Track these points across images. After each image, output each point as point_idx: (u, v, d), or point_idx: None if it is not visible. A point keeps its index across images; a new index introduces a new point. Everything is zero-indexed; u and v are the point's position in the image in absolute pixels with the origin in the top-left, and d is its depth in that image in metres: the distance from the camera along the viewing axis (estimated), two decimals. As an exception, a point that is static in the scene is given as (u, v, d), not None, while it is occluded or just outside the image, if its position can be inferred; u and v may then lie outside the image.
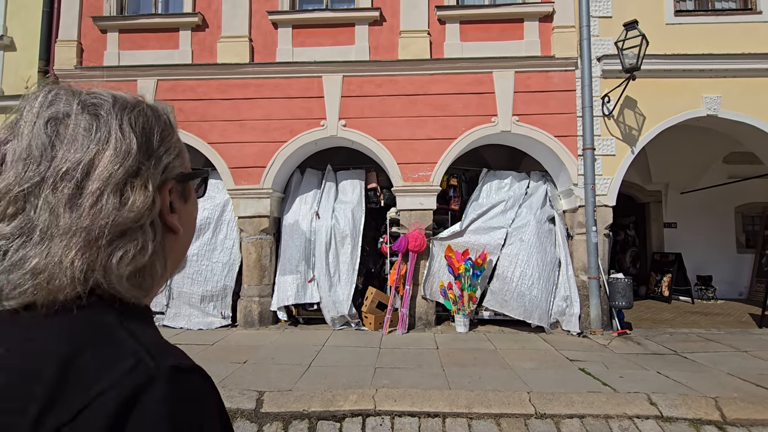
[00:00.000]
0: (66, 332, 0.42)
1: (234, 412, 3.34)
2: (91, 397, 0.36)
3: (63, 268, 0.42)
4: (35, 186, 0.43)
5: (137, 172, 0.47)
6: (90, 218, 0.43)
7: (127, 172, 0.46)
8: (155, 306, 6.05)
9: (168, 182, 0.52)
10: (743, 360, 4.51)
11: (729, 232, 9.24)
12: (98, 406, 0.36)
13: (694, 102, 5.89)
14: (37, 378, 0.37)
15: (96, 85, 0.53)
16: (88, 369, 0.38)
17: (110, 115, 0.47)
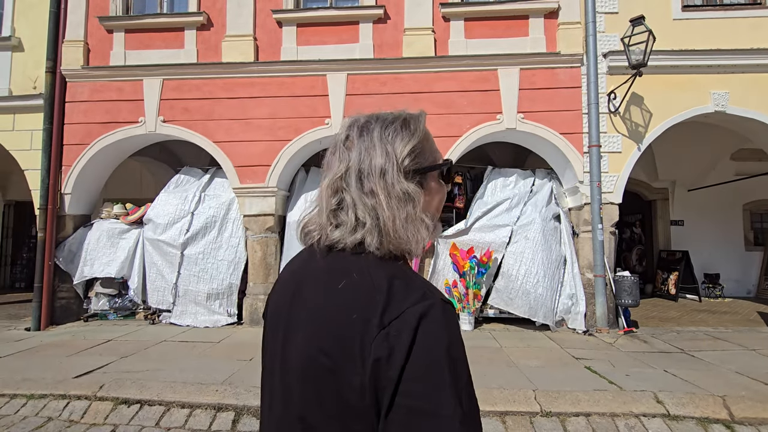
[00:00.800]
0: (385, 267, 0.66)
1: (241, 409, 3.37)
2: (404, 309, 0.59)
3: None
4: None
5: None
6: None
7: (407, 159, 0.73)
8: (162, 304, 6.11)
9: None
10: (752, 358, 4.47)
11: (737, 230, 9.15)
12: (408, 314, 0.59)
13: (701, 98, 5.83)
14: (377, 290, 0.62)
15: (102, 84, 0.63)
16: (401, 291, 0.62)
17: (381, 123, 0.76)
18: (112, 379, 3.78)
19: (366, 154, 0.70)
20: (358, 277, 0.64)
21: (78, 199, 6.40)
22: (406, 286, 0.63)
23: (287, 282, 0.78)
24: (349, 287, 0.64)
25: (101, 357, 4.52)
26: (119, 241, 6.28)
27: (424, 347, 0.57)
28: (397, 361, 0.56)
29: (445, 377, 0.56)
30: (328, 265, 0.69)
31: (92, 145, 6.21)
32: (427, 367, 0.56)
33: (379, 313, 0.59)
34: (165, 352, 4.77)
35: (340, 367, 0.60)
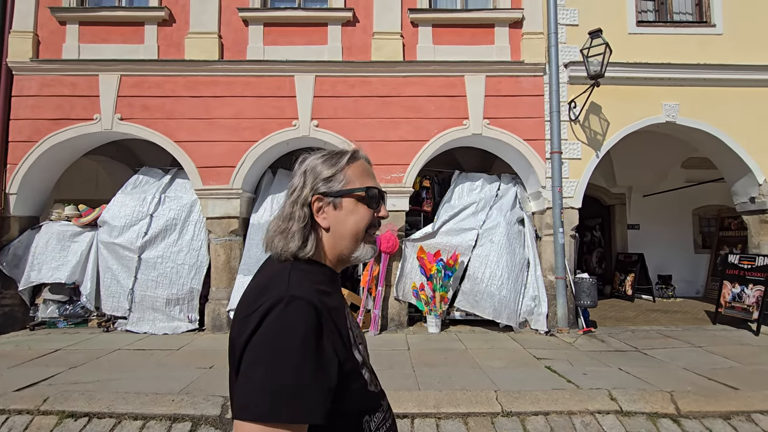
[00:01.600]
0: (278, 269, 0.85)
1: (198, 419, 3.25)
2: (261, 303, 0.76)
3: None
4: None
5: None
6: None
7: (309, 187, 0.94)
8: (117, 310, 5.82)
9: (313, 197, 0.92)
10: (698, 355, 4.73)
11: (687, 234, 9.71)
12: (260, 306, 0.76)
13: (654, 109, 6.16)
14: (258, 288, 0.82)
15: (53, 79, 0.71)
16: (270, 288, 0.79)
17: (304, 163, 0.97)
18: (58, 392, 3.56)
19: (299, 180, 0.96)
20: (263, 280, 0.85)
21: (25, 200, 6.01)
22: (277, 283, 0.81)
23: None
24: (253, 286, 0.86)
25: (47, 368, 4.24)
26: (71, 244, 5.93)
27: (262, 330, 0.73)
28: (244, 337, 0.75)
29: (265, 352, 0.72)
30: (259, 270, 0.93)
31: (41, 142, 5.85)
32: (257, 342, 0.73)
33: (251, 302, 0.79)
34: (119, 361, 4.54)
35: (231, 344, 0.82)
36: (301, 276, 0.83)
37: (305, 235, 0.88)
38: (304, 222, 0.89)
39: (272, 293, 0.77)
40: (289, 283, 0.80)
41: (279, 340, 0.72)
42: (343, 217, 0.91)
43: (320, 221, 0.90)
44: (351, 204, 0.91)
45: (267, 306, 0.75)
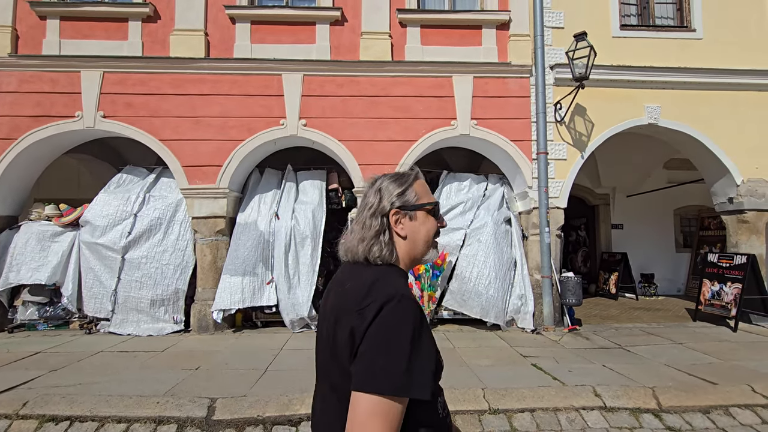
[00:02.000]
0: (378, 272, 0.99)
1: (183, 421, 3.20)
2: (374, 298, 0.89)
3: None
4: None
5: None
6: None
7: (383, 206, 1.06)
8: (100, 312, 5.70)
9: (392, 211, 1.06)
10: (679, 352, 4.85)
11: (669, 233, 9.94)
12: (374, 302, 0.88)
13: (637, 111, 6.29)
14: (363, 288, 0.93)
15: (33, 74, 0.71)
16: (378, 289, 0.92)
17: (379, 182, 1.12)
18: (39, 395, 3.47)
19: (373, 198, 1.08)
20: (362, 280, 0.98)
21: (3, 199, 5.85)
22: (383, 284, 0.95)
23: (332, 283, 1.13)
24: (354, 285, 0.98)
25: (27, 371, 4.13)
26: (51, 244, 5.79)
27: (378, 322, 0.87)
28: (362, 329, 0.87)
29: (383, 339, 0.86)
30: (350, 272, 1.05)
31: (20, 140, 5.69)
32: (375, 331, 0.86)
33: (360, 300, 0.92)
34: (102, 363, 4.45)
35: (344, 326, 0.92)
36: (397, 277, 1.01)
37: (391, 243, 1.05)
38: (388, 233, 1.05)
39: (382, 291, 0.92)
40: (395, 284, 0.96)
41: (395, 330, 0.86)
42: (418, 226, 1.08)
43: (398, 231, 1.06)
44: (423, 216, 1.09)
45: (381, 302, 0.89)
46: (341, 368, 0.91)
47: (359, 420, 0.81)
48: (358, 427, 0.81)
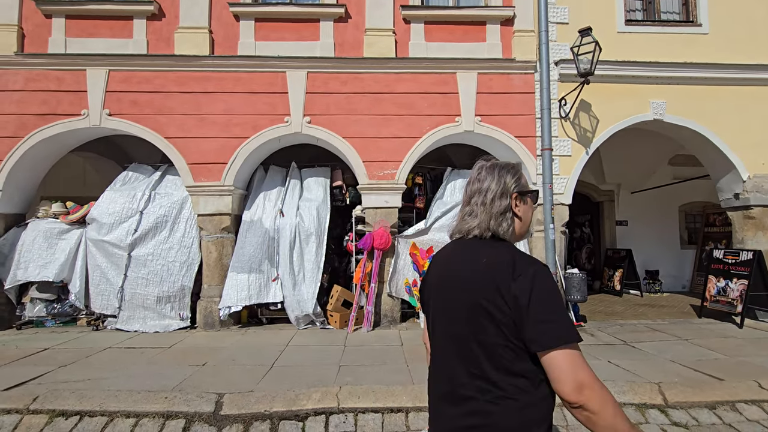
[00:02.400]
0: (510, 251, 1.15)
1: (191, 416, 3.24)
2: (524, 269, 1.07)
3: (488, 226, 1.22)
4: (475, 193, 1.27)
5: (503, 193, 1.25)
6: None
7: (503, 191, 1.24)
8: (107, 309, 5.75)
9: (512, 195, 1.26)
10: (684, 347, 4.85)
11: (674, 230, 9.90)
12: (528, 272, 1.06)
13: (642, 106, 6.26)
14: (508, 262, 1.10)
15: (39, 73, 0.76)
16: (521, 261, 1.10)
17: (492, 169, 1.28)
18: (48, 390, 3.51)
19: (488, 185, 1.25)
20: (501, 255, 1.15)
21: (10, 197, 5.89)
22: (522, 257, 1.12)
23: (443, 261, 1.30)
24: (494, 260, 1.13)
25: (36, 367, 4.18)
26: (58, 242, 5.84)
27: (534, 286, 1.05)
28: (522, 293, 1.04)
29: (549, 302, 1.05)
30: (477, 248, 1.21)
31: (27, 138, 5.73)
32: (536, 294, 1.04)
33: (510, 271, 1.08)
34: (109, 359, 4.49)
35: (494, 295, 1.07)
36: (522, 251, 1.23)
37: (513, 222, 1.24)
38: (510, 212, 1.24)
39: (527, 262, 1.11)
40: (528, 256, 1.15)
41: (554, 292, 1.06)
42: (527, 209, 1.29)
43: (516, 212, 1.25)
44: (529, 200, 1.29)
45: (533, 271, 1.07)
46: (497, 325, 1.07)
47: (572, 369, 1.00)
48: (577, 373, 1.00)
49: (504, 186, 1.24)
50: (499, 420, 1.06)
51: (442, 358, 1.21)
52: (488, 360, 1.08)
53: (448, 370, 1.18)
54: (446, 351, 1.19)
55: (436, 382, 1.23)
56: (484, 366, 1.09)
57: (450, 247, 1.30)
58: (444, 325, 1.21)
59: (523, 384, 1.07)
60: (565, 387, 1.00)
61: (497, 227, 1.20)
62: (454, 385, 1.15)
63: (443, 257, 1.30)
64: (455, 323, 1.15)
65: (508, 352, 1.06)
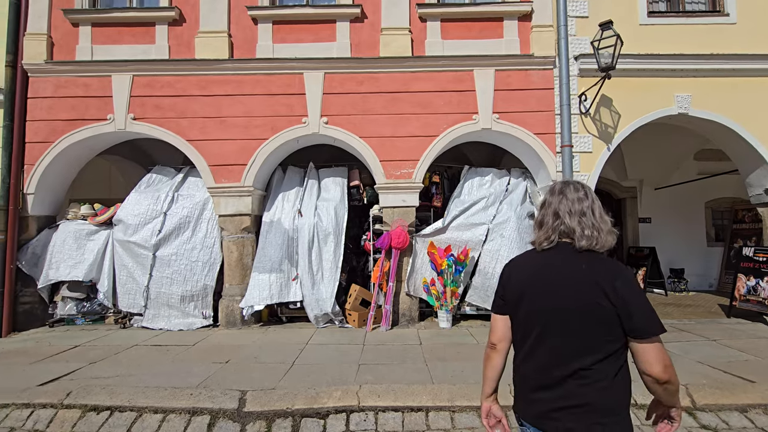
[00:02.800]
0: (603, 258, 1.38)
1: (216, 412, 3.32)
2: (620, 272, 1.32)
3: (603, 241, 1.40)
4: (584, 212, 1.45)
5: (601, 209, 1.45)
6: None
7: (600, 207, 1.45)
8: (133, 307, 5.93)
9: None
10: (712, 348, 4.70)
11: (699, 227, 9.59)
12: (624, 274, 1.31)
13: (666, 100, 6.09)
14: (606, 266, 1.34)
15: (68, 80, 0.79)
16: (615, 265, 1.35)
17: (588, 190, 1.50)
18: (80, 386, 3.65)
19: (589, 202, 1.44)
20: (599, 262, 1.36)
21: (42, 200, 6.13)
22: (616, 264, 1.36)
23: (531, 267, 1.47)
24: (596, 266, 1.34)
25: (68, 363, 4.35)
26: (87, 242, 6.05)
27: (632, 286, 1.28)
28: (626, 293, 1.26)
29: (645, 299, 1.28)
30: (575, 257, 1.39)
31: (57, 143, 5.95)
32: (636, 293, 1.27)
33: (612, 275, 1.29)
34: (137, 356, 4.64)
35: (601, 298, 1.27)
36: (613, 259, 1.53)
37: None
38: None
39: (619, 266, 1.35)
40: (620, 263, 1.44)
41: (642, 292, 1.30)
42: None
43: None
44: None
45: (627, 273, 1.32)
46: (600, 320, 1.27)
47: (661, 355, 1.25)
48: (664, 358, 1.25)
49: (594, 201, 1.45)
50: (596, 400, 1.27)
51: (538, 351, 1.38)
52: (589, 351, 1.28)
53: (544, 360, 1.36)
54: (542, 345, 1.37)
55: (530, 372, 1.40)
56: (584, 356, 1.28)
57: (539, 255, 1.47)
58: (542, 323, 1.37)
59: (615, 369, 1.28)
60: (656, 368, 1.23)
61: (605, 240, 1.39)
62: (551, 374, 1.33)
63: (532, 264, 1.48)
64: (557, 321, 1.33)
65: (606, 343, 1.28)
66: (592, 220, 1.40)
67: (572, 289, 1.32)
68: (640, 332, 1.24)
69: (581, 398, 1.28)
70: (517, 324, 1.47)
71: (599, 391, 1.27)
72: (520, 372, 1.46)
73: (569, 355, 1.31)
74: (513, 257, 1.62)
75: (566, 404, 1.30)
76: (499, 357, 1.54)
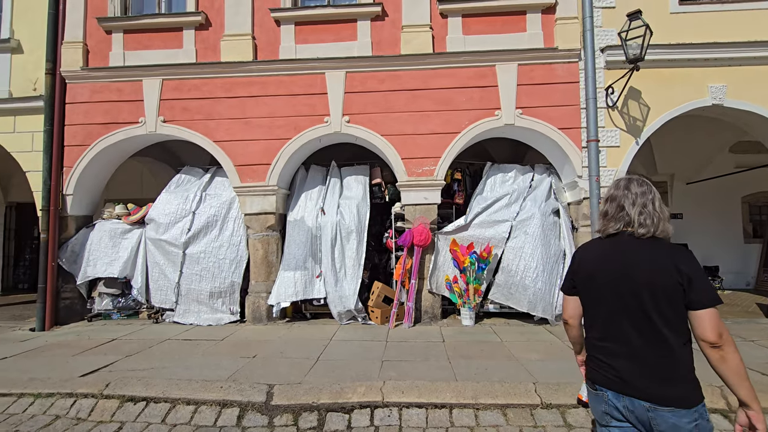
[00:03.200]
0: (664, 242, 1.58)
1: (245, 405, 3.42)
2: (683, 254, 1.52)
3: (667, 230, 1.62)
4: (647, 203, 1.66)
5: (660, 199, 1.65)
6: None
7: (659, 198, 1.65)
8: (165, 303, 6.16)
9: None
10: (750, 349, 4.52)
11: (736, 222, 9.18)
12: (686, 255, 1.51)
13: (699, 92, 5.85)
14: (673, 249, 1.54)
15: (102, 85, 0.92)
16: (680, 249, 1.54)
17: (650, 184, 1.69)
18: (118, 378, 3.84)
19: (652, 195, 1.63)
20: (663, 247, 1.55)
21: (80, 200, 6.44)
22: (677, 247, 1.54)
23: (601, 252, 1.68)
24: (661, 250, 1.54)
25: (106, 356, 4.57)
26: (121, 241, 6.33)
27: (694, 264, 1.48)
28: (689, 270, 1.45)
29: (704, 275, 1.47)
30: (640, 243, 1.58)
31: (93, 146, 6.24)
32: (697, 270, 1.47)
33: (677, 256, 1.49)
34: (169, 350, 4.83)
35: (668, 277, 1.47)
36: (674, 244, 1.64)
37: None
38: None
39: (682, 248, 1.53)
40: (681, 247, 1.57)
41: (702, 269, 1.48)
42: None
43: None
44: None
45: (689, 253, 1.50)
46: (672, 296, 1.46)
47: (714, 323, 1.41)
48: (717, 326, 1.41)
49: (659, 196, 1.64)
50: (670, 365, 1.48)
51: (613, 326, 1.59)
52: (664, 324, 1.47)
53: (622, 335, 1.56)
54: (617, 320, 1.57)
55: (607, 344, 1.61)
56: (660, 328, 1.48)
57: (606, 242, 1.68)
58: (617, 301, 1.57)
59: (683, 339, 1.48)
60: (710, 333, 1.40)
61: (664, 228, 1.58)
62: (630, 346, 1.54)
63: (601, 250, 1.68)
64: (633, 298, 1.52)
65: (676, 316, 1.47)
66: (652, 210, 1.58)
67: (641, 270, 1.52)
68: (700, 304, 1.42)
69: (656, 366, 1.49)
70: (590, 302, 1.69)
71: (669, 358, 1.47)
72: (597, 345, 1.65)
73: (642, 328, 1.51)
74: (582, 244, 1.86)
75: (643, 371, 1.51)
76: (574, 329, 1.83)
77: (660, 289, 1.48)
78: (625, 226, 1.62)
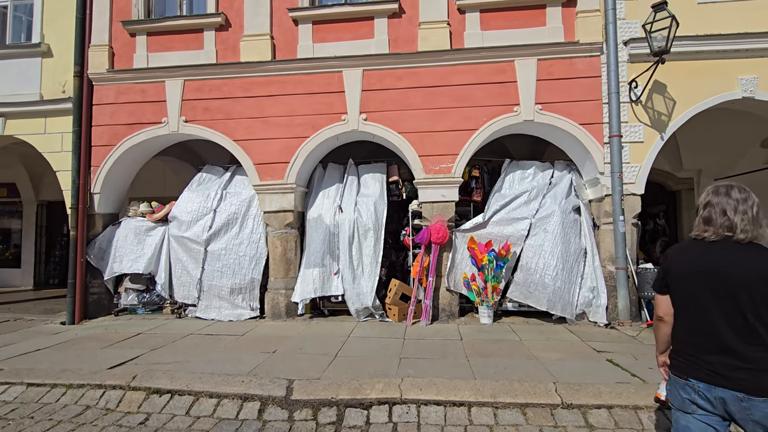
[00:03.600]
0: (763, 247, 1.65)
1: (266, 399, 3.48)
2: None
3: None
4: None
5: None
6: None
7: (758, 204, 1.72)
8: (187, 298, 6.32)
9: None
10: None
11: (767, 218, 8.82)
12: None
13: (728, 84, 5.64)
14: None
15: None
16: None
17: (750, 192, 1.77)
18: (144, 370, 3.96)
19: (752, 201, 1.71)
20: (762, 252, 1.62)
21: (106, 199, 6.66)
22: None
23: (699, 255, 1.73)
24: (760, 255, 1.61)
25: (132, 349, 4.72)
26: (146, 238, 6.51)
27: None
28: None
29: None
30: (740, 247, 1.66)
31: (118, 146, 6.44)
32: None
33: None
34: (192, 344, 4.95)
35: (763, 281, 1.56)
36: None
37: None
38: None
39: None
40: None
41: None
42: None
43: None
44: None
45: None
46: (766, 300, 1.56)
47: None
48: None
49: (758, 203, 1.70)
50: (764, 360, 1.56)
51: (708, 323, 1.67)
52: (760, 323, 1.56)
53: (715, 332, 1.65)
54: (713, 318, 1.65)
55: (702, 341, 1.69)
56: (756, 327, 1.57)
57: (705, 246, 1.73)
58: (711, 301, 1.65)
59: None
60: None
61: (764, 233, 1.65)
62: (723, 342, 1.63)
63: (700, 252, 1.73)
64: (729, 299, 1.61)
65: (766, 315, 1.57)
66: (752, 217, 1.65)
67: (739, 273, 1.61)
68: None
69: (751, 360, 1.58)
70: (684, 301, 1.76)
71: (764, 353, 1.57)
72: (690, 341, 1.74)
73: (737, 326, 1.60)
74: (675, 244, 1.97)
75: (738, 365, 1.60)
76: (667, 327, 1.87)
77: (758, 292, 1.57)
78: (727, 231, 1.68)
